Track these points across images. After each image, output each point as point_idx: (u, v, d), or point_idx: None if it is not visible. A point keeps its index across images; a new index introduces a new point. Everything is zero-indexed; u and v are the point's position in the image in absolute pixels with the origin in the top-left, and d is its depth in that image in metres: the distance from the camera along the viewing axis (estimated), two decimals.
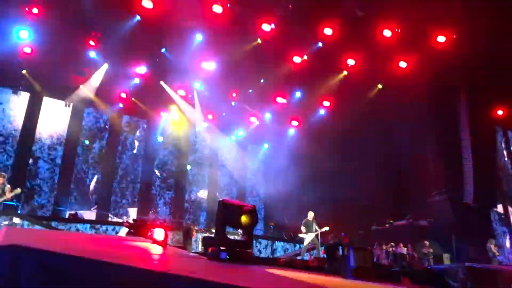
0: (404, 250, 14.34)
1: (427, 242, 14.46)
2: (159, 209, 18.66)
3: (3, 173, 9.83)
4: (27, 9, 13.17)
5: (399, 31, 14.32)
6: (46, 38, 14.02)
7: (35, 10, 13.28)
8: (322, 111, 18.44)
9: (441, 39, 14.33)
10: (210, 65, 16.12)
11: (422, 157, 17.06)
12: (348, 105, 17.42)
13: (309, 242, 12.57)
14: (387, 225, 16.64)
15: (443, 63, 14.92)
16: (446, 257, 13.56)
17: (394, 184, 17.69)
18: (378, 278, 5.67)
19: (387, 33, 14.37)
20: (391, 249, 14.27)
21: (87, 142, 17.23)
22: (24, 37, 13.81)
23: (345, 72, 16.51)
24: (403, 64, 15.74)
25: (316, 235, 12.61)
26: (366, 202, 16.59)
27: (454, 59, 14.69)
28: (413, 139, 16.72)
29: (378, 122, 16.92)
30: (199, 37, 14.97)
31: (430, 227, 15.87)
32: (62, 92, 16.50)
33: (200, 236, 13.48)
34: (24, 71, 15.28)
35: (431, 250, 14.27)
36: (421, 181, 17.17)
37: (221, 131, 19.99)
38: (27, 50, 14.53)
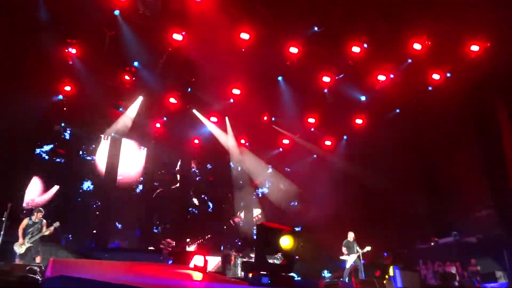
0: (453, 269, 13.63)
1: (474, 260, 13.71)
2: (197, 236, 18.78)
3: (41, 209, 10.12)
4: (66, 50, 13.96)
5: (429, 43, 14.06)
6: (84, 75, 14.74)
7: (73, 51, 14.05)
8: (355, 129, 18.15)
9: (474, 48, 13.93)
10: (239, 90, 16.36)
11: (463, 171, 16.40)
12: (382, 122, 17.14)
13: (352, 264, 12.18)
14: (432, 243, 15.92)
15: (478, 74, 14.50)
16: (499, 275, 12.73)
17: (436, 200, 17.02)
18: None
19: (417, 46, 14.14)
20: (440, 268, 13.62)
21: None
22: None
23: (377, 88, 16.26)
24: (436, 77, 15.40)
25: (358, 256, 12.22)
26: (408, 219, 16.03)
27: (489, 69, 14.23)
28: (453, 152, 16.13)
29: (416, 137, 16.44)
30: (227, 63, 15.26)
31: (479, 244, 15.05)
32: (100, 126, 17.20)
33: (239, 261, 13.39)
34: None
35: (478, 268, 13.49)
36: (464, 196, 16.47)
37: (255, 155, 20.08)
38: (67, 88, 15.37)
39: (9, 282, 5.73)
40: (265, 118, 18.48)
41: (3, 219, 9.52)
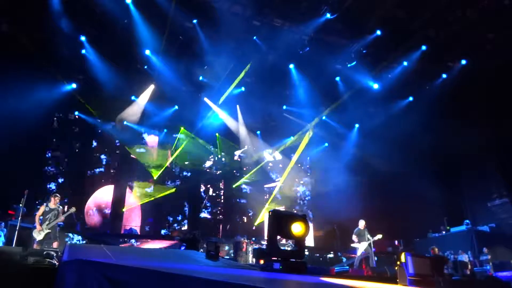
0: (465, 258, 13.57)
1: (485, 249, 13.62)
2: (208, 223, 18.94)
3: (58, 195, 10.17)
4: (79, 39, 14.08)
5: (444, 29, 13.82)
6: (96, 64, 14.85)
7: (82, 38, 14.17)
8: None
9: (490, 35, 13.65)
10: (250, 78, 16.32)
11: (477, 160, 16.20)
12: (395, 110, 17.03)
13: (363, 251, 12.19)
14: (444, 232, 15.85)
15: (494, 60, 14.27)
16: None
17: (449, 189, 16.84)
18: (438, 286, 5.41)
19: (431, 32, 13.93)
20: (451, 257, 13.57)
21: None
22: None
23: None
24: (450, 64, 15.20)
25: (369, 244, 12.21)
26: (421, 208, 15.93)
27: (506, 55, 13.96)
28: (468, 141, 15.90)
29: (429, 125, 16.20)
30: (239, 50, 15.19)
31: (492, 233, 14.94)
32: (112, 113, 17.36)
33: (250, 248, 13.51)
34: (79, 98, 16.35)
35: (489, 257, 13.40)
36: (478, 185, 16.29)
37: (266, 143, 20.09)
38: (80, 76, 15.55)
39: (26, 266, 5.87)
40: (285, 107, 18.50)
41: (20, 205, 9.69)
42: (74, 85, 15.89)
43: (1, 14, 12.75)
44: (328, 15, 13.53)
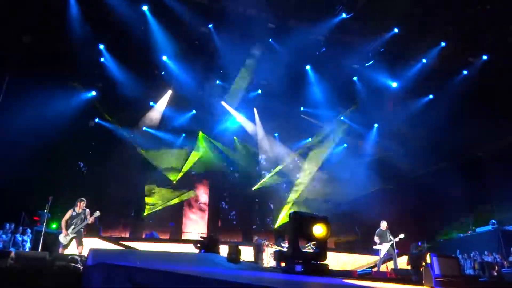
0: (492, 259, 13.20)
1: None
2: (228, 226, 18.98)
3: (83, 199, 10.27)
4: (97, 46, 14.34)
5: (464, 24, 13.55)
6: (115, 71, 15.09)
7: (101, 46, 14.42)
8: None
9: None
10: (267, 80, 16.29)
11: (504, 158, 15.74)
12: (415, 108, 16.75)
13: (385, 253, 11.98)
14: (469, 232, 15.46)
15: None
16: None
17: (474, 188, 16.42)
18: None
19: (450, 28, 13.66)
20: (478, 258, 13.24)
21: None
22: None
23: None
24: (471, 59, 14.86)
25: (392, 245, 12.00)
26: (445, 208, 15.61)
27: None
28: (492, 138, 15.49)
29: (453, 124, 15.84)
30: (255, 53, 15.19)
31: None
32: (131, 120, 17.58)
33: (271, 250, 13.43)
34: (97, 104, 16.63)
35: None
36: (504, 184, 15.84)
37: (284, 145, 20.02)
38: (99, 84, 15.82)
39: (52, 271, 5.98)
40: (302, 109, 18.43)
41: (45, 211, 9.87)
42: (93, 93, 16.17)
43: (22, 26, 13.07)
44: (344, 15, 13.45)
